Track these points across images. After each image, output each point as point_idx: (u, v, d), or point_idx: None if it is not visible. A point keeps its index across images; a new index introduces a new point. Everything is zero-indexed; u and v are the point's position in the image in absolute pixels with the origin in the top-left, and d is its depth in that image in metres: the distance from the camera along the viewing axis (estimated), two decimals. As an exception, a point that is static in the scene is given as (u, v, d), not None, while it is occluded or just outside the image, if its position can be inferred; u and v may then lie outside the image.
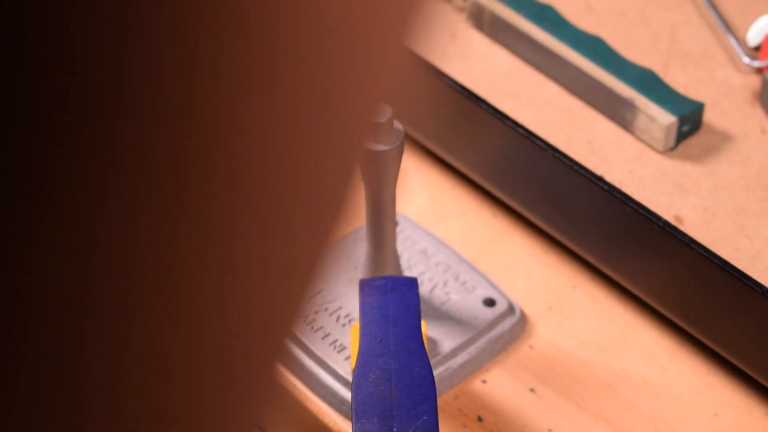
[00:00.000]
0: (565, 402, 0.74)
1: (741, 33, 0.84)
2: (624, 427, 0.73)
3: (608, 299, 0.79)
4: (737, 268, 0.68)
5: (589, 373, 0.75)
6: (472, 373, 0.75)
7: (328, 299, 0.77)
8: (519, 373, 0.75)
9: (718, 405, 0.74)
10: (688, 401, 0.74)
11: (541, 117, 0.80)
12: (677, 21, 0.86)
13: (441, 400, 0.74)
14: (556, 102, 0.81)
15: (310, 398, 0.75)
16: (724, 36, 0.85)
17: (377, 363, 0.62)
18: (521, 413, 0.74)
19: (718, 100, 0.81)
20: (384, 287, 0.66)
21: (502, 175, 0.80)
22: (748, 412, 0.74)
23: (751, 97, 0.81)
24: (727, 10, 0.86)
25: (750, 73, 0.83)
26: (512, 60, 0.84)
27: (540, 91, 0.82)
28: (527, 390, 0.75)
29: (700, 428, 0.73)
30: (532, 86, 0.82)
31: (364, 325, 0.64)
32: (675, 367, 0.76)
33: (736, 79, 0.82)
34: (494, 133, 0.77)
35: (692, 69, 0.83)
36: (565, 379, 0.75)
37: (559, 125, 0.79)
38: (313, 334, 0.75)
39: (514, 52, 0.83)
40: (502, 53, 0.84)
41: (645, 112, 0.77)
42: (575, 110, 0.81)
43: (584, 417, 0.74)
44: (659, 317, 0.77)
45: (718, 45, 0.84)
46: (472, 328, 0.75)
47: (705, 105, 0.78)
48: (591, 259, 0.77)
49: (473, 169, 0.81)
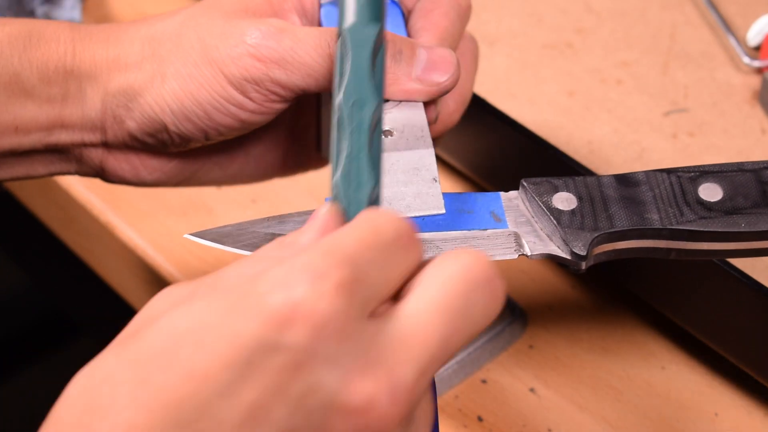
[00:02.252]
0: (565, 402, 0.74)
1: (741, 33, 0.84)
2: (624, 427, 0.73)
3: (608, 299, 0.79)
4: (737, 268, 0.68)
5: (589, 373, 0.75)
6: (472, 373, 0.75)
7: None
8: (519, 373, 0.76)
9: (718, 405, 0.74)
10: (688, 401, 0.74)
11: (541, 117, 0.80)
12: (677, 21, 0.86)
13: (441, 400, 0.74)
14: (556, 102, 0.81)
15: (311, 398, 0.75)
16: (724, 36, 0.85)
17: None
18: (521, 413, 0.74)
19: (718, 100, 0.81)
20: None
21: (501, 175, 0.80)
22: (748, 412, 0.74)
23: (751, 97, 0.81)
24: (727, 10, 0.86)
25: (750, 73, 0.83)
26: (512, 60, 0.84)
27: (540, 91, 0.82)
28: (527, 390, 0.75)
29: (700, 428, 0.73)
30: (532, 86, 0.82)
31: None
32: (675, 367, 0.76)
33: (736, 79, 0.82)
34: (494, 133, 0.77)
35: (692, 69, 0.83)
36: (565, 379, 0.75)
37: (559, 125, 0.79)
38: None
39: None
40: (502, 53, 0.84)
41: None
42: (575, 110, 0.81)
43: (584, 417, 0.74)
44: (659, 317, 0.77)
45: (718, 45, 0.84)
46: (472, 328, 0.75)
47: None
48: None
49: (473, 168, 0.81)
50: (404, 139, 0.63)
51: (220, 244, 0.61)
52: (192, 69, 0.64)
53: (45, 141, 0.66)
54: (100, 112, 0.66)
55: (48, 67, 0.64)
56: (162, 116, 0.65)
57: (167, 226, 0.84)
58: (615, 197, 0.61)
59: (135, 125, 0.65)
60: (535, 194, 0.62)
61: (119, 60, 0.65)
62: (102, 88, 0.65)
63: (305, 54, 0.63)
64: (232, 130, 0.65)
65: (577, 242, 0.60)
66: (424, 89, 0.64)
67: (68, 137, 0.66)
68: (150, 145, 0.67)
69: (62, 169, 0.69)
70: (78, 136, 0.66)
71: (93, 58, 0.65)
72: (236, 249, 0.61)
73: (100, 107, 0.65)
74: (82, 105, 0.65)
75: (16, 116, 0.64)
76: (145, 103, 0.65)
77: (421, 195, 0.62)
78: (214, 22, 0.64)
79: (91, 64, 0.65)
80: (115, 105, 0.65)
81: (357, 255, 0.46)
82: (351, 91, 0.58)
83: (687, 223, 0.60)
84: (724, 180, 0.62)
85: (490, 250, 0.61)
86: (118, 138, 0.66)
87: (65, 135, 0.66)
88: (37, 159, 0.67)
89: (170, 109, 0.64)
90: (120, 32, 0.66)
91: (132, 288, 0.86)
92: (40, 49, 0.64)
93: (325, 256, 0.45)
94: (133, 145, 0.67)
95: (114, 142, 0.67)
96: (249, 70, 0.63)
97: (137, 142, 0.66)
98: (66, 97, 0.65)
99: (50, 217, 0.92)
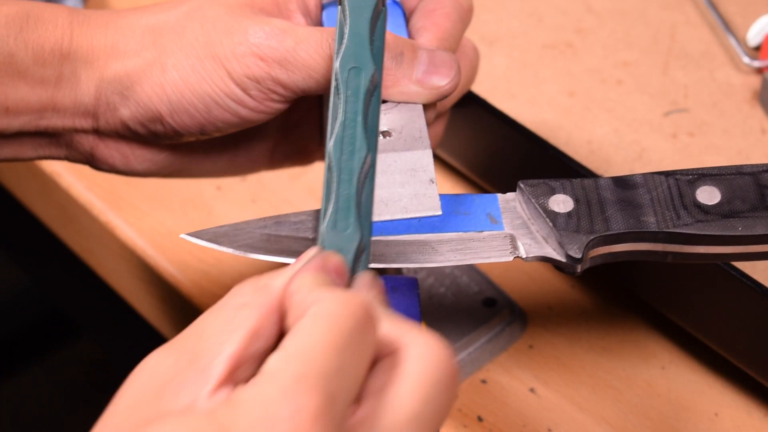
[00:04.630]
0: (565, 402, 0.74)
1: (741, 33, 0.84)
2: (624, 427, 0.73)
3: (608, 299, 0.79)
4: (737, 268, 0.68)
5: (589, 373, 0.75)
6: (472, 373, 0.75)
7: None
8: (519, 373, 0.76)
9: (718, 405, 0.74)
10: (688, 401, 0.74)
11: (541, 117, 0.80)
12: (677, 21, 0.86)
13: (441, 400, 0.74)
14: (556, 102, 0.81)
15: (310, 398, 0.75)
16: (724, 36, 0.85)
17: (378, 363, 0.62)
18: (521, 413, 0.74)
19: (718, 100, 0.81)
20: (384, 287, 0.66)
21: (501, 175, 0.80)
22: (748, 412, 0.74)
23: (751, 97, 0.81)
24: (727, 10, 0.86)
25: (750, 73, 0.83)
26: (512, 60, 0.84)
27: (540, 91, 0.82)
28: (527, 390, 0.75)
29: (700, 428, 0.73)
30: (532, 86, 0.82)
31: (364, 325, 0.64)
32: (675, 367, 0.76)
33: (736, 79, 0.82)
34: (494, 133, 0.77)
35: (692, 69, 0.83)
36: (565, 379, 0.75)
37: (559, 125, 0.79)
38: (313, 334, 0.75)
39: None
40: (502, 53, 0.84)
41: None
42: (575, 110, 0.81)
43: (584, 417, 0.74)
44: (659, 317, 0.77)
45: (718, 45, 0.84)
46: (472, 328, 0.75)
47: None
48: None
49: (473, 169, 0.81)
50: (402, 140, 0.63)
51: (216, 244, 0.61)
52: (195, 61, 0.64)
53: (35, 124, 0.65)
54: (93, 98, 0.65)
55: (44, 49, 0.64)
56: (158, 106, 0.64)
57: (167, 226, 0.84)
58: (612, 200, 0.61)
59: (129, 113, 0.65)
60: (531, 196, 0.61)
61: (118, 47, 0.65)
62: (98, 74, 0.65)
63: (306, 54, 0.63)
64: (230, 126, 0.65)
65: (572, 245, 0.60)
66: (423, 92, 0.64)
67: (59, 121, 0.66)
68: (141, 136, 0.66)
69: (51, 153, 0.68)
70: (69, 121, 0.66)
71: (90, 43, 0.65)
72: (232, 249, 0.61)
73: (93, 93, 0.65)
74: (76, 89, 0.65)
75: (7, 96, 0.64)
76: (141, 91, 0.64)
77: (417, 196, 0.62)
78: (219, 16, 0.64)
79: (88, 48, 0.65)
80: (110, 92, 0.65)
81: (325, 368, 0.46)
82: (348, 57, 0.58)
83: (683, 227, 0.60)
84: (723, 183, 0.62)
85: (486, 252, 0.61)
86: (110, 126, 0.66)
87: (56, 119, 0.66)
88: (26, 142, 0.67)
89: (168, 99, 0.64)
90: (120, 19, 0.66)
91: (132, 288, 0.86)
92: (37, 30, 0.64)
93: (298, 382, 0.45)
94: (125, 134, 0.66)
95: (105, 130, 0.66)
96: (251, 68, 0.63)
97: (129, 132, 0.66)
98: (59, 80, 0.65)
99: (50, 217, 0.92)
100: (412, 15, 0.68)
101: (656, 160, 0.77)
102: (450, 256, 0.61)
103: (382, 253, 0.61)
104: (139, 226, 0.84)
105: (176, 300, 0.82)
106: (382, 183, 0.62)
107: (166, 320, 0.85)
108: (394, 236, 0.61)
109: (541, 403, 0.74)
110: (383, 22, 0.60)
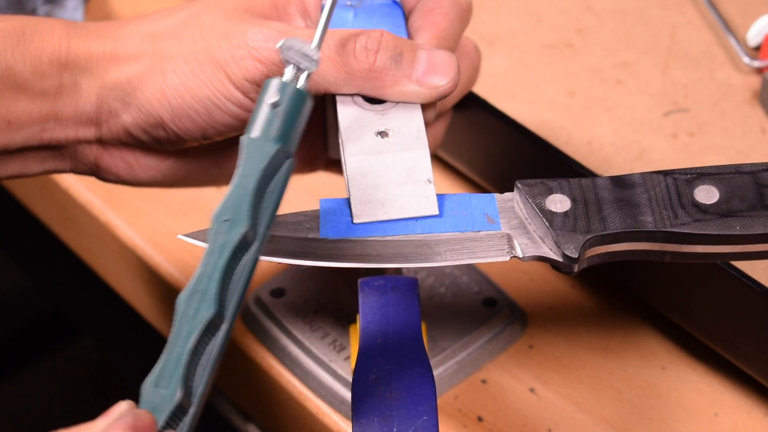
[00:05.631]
0: (565, 402, 0.74)
1: (741, 33, 0.84)
2: (624, 427, 0.73)
3: (608, 299, 0.79)
4: (737, 268, 0.68)
5: (589, 373, 0.75)
6: (472, 373, 0.75)
7: (328, 299, 0.77)
8: (519, 373, 0.76)
9: (718, 405, 0.74)
10: (688, 401, 0.74)
11: (541, 117, 0.80)
12: (677, 21, 0.86)
13: (441, 400, 0.74)
14: (556, 102, 0.81)
15: (310, 398, 0.75)
16: (724, 36, 0.85)
17: (377, 363, 0.62)
18: (521, 413, 0.74)
19: (718, 100, 0.81)
20: (384, 287, 0.66)
21: (501, 175, 0.80)
22: (748, 412, 0.74)
23: (751, 97, 0.81)
24: (727, 10, 0.86)
25: (750, 73, 0.83)
26: (512, 60, 0.84)
27: (540, 91, 0.82)
28: (527, 390, 0.75)
29: (700, 428, 0.73)
30: (532, 86, 0.82)
31: (363, 325, 0.64)
32: (675, 367, 0.76)
33: (736, 79, 0.82)
34: (494, 133, 0.77)
35: (692, 69, 0.83)
36: (565, 379, 0.75)
37: (559, 125, 0.79)
38: (313, 334, 0.75)
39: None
40: (502, 53, 0.84)
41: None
42: (575, 110, 0.81)
43: (584, 417, 0.74)
44: (659, 318, 0.77)
45: (718, 45, 0.84)
46: (472, 328, 0.75)
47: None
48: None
49: (473, 168, 0.81)
50: (400, 140, 0.63)
51: None
52: (194, 66, 0.64)
53: (38, 137, 0.66)
54: (95, 106, 0.65)
55: (42, 60, 0.64)
56: (160, 111, 0.65)
57: (167, 226, 0.84)
58: (610, 199, 0.61)
59: (131, 120, 0.65)
60: (528, 196, 0.61)
61: (117, 53, 0.65)
62: (98, 81, 0.65)
63: None
64: (232, 129, 0.65)
65: (568, 245, 0.60)
66: (423, 92, 0.64)
67: (62, 132, 0.66)
68: (144, 143, 0.66)
69: (57, 166, 0.68)
70: (72, 132, 0.66)
71: (89, 51, 0.65)
72: None
73: (95, 100, 0.65)
74: (77, 98, 0.65)
75: (8, 110, 0.64)
76: (142, 96, 0.65)
77: (415, 196, 0.61)
78: (217, 21, 0.64)
79: (86, 57, 0.65)
80: (111, 98, 0.65)
81: None
82: (226, 209, 0.55)
83: (681, 226, 0.60)
84: (721, 182, 0.61)
85: (483, 252, 0.61)
86: (113, 133, 0.66)
87: (59, 130, 0.66)
88: (31, 156, 0.67)
89: (169, 104, 0.64)
90: (118, 28, 0.66)
91: (132, 288, 0.86)
92: (34, 42, 0.64)
93: None
94: (128, 141, 0.67)
95: (109, 138, 0.67)
96: (250, 71, 0.63)
97: (132, 138, 0.66)
98: (60, 90, 0.65)
99: (50, 217, 0.92)
100: (410, 14, 0.68)
101: (656, 160, 0.77)
102: (447, 256, 0.61)
103: (380, 253, 0.61)
104: (139, 226, 0.84)
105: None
106: (380, 183, 0.62)
107: (165, 320, 0.85)
108: (391, 236, 0.61)
109: (541, 403, 0.74)
110: (286, 173, 0.57)
